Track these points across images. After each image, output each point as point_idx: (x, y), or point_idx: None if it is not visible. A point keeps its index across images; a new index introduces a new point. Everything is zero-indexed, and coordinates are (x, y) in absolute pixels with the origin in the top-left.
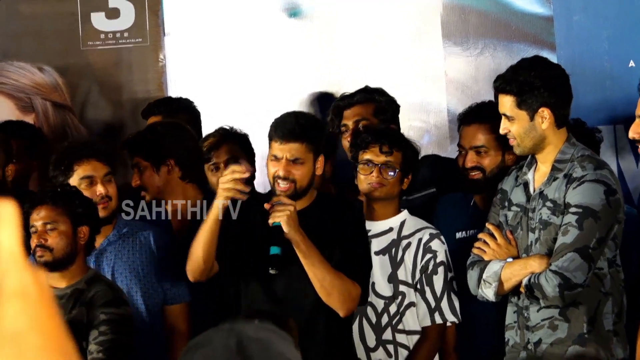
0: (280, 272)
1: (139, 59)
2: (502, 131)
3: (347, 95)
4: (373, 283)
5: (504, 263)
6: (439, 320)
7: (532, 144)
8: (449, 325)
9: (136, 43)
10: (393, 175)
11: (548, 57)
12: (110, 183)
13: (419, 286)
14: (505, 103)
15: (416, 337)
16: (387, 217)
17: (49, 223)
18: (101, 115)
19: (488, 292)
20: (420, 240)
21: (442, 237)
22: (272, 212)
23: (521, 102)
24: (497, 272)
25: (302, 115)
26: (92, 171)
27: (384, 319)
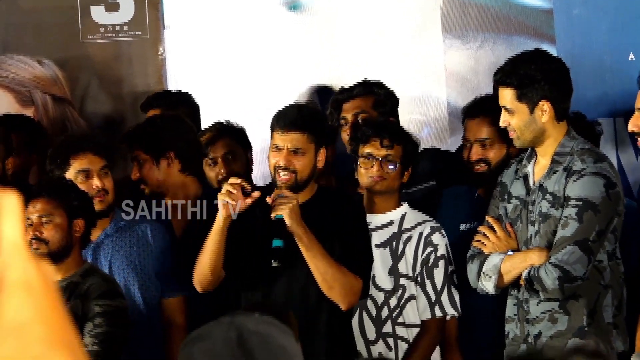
0: (282, 267)
1: (138, 52)
2: (502, 124)
3: (346, 88)
4: (373, 276)
5: (503, 256)
6: (439, 314)
7: (532, 136)
8: (449, 318)
9: (136, 36)
10: (393, 169)
11: (548, 50)
12: (107, 176)
13: (419, 279)
14: (506, 96)
15: (416, 330)
16: (387, 210)
17: (45, 216)
18: (101, 109)
19: (488, 285)
20: (421, 233)
21: (442, 231)
22: (275, 205)
23: (521, 95)
24: (496, 264)
25: (304, 107)
26: (88, 164)
27: (384, 312)
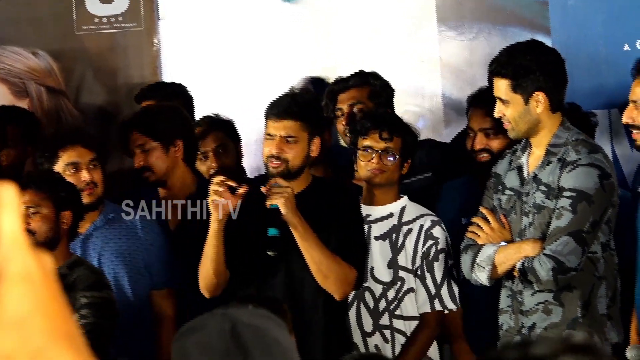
0: (278, 256)
1: (133, 43)
2: (496, 114)
3: (341, 79)
4: (372, 268)
5: (497, 247)
6: (438, 307)
7: (527, 127)
8: (452, 311)
9: (130, 27)
10: (393, 161)
11: (543, 41)
12: (96, 169)
13: (419, 272)
14: (500, 87)
15: (414, 323)
16: (387, 202)
17: (32, 207)
18: (95, 100)
19: (481, 276)
20: (421, 226)
21: (442, 224)
22: (270, 194)
23: (516, 85)
24: (490, 256)
25: (298, 95)
26: (77, 157)
27: (382, 304)
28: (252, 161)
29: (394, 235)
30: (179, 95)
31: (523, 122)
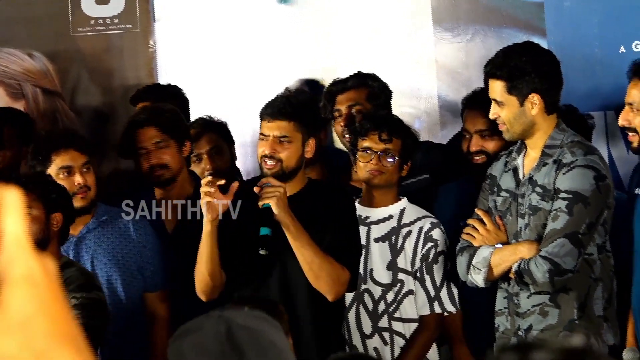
0: (270, 255)
1: (129, 45)
2: (491, 116)
3: (339, 80)
4: (371, 270)
5: (493, 249)
6: (437, 310)
7: (522, 129)
8: (451, 313)
9: (126, 29)
10: (392, 163)
11: (538, 43)
12: (89, 172)
13: (418, 275)
14: (496, 88)
15: (413, 326)
16: (386, 204)
17: None
18: (91, 102)
19: (477, 278)
20: (421, 228)
21: (442, 227)
22: (262, 194)
23: (511, 87)
24: (486, 257)
25: (293, 95)
26: (70, 161)
27: (381, 306)
28: (248, 162)
29: (393, 237)
30: (175, 97)
31: (518, 124)
